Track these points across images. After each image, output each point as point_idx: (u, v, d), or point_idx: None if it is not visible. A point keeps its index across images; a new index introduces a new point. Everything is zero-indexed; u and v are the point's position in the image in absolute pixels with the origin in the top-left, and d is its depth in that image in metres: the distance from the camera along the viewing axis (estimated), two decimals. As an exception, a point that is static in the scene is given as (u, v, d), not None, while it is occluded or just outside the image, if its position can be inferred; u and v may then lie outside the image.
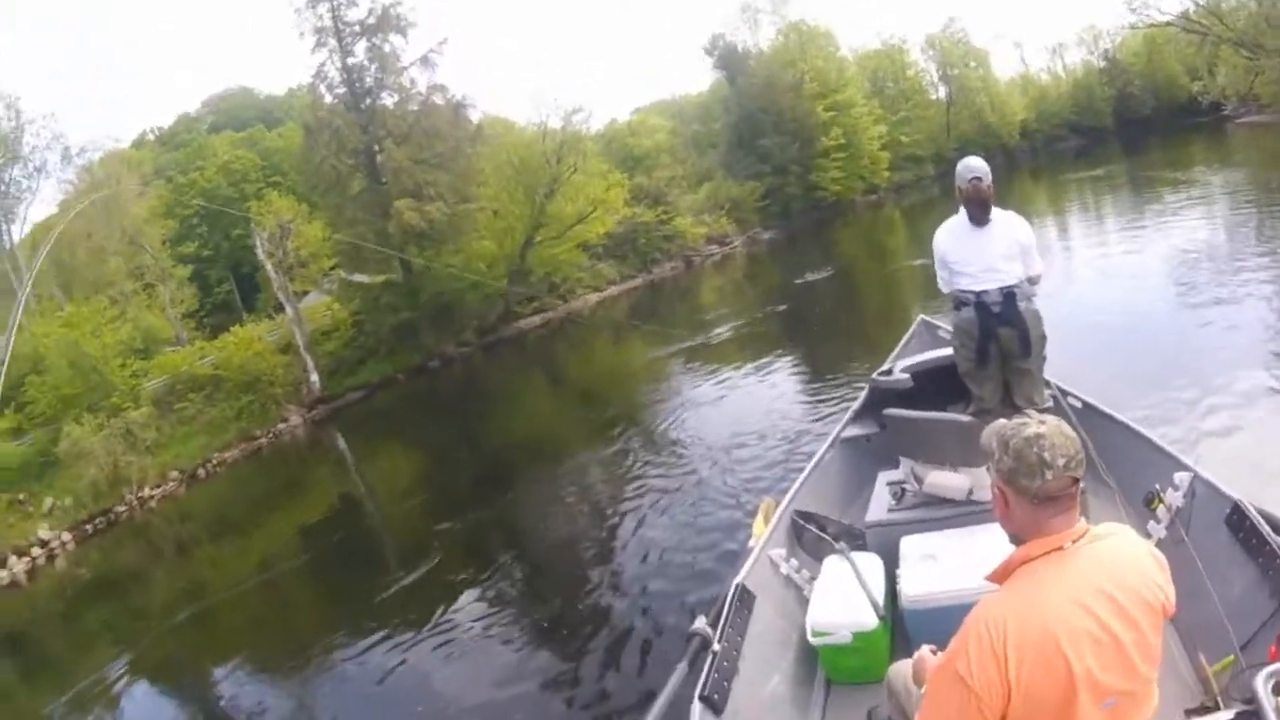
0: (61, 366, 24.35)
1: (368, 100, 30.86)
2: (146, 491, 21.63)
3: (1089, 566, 1.96)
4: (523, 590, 8.82)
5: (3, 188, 34.39)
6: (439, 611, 8.41)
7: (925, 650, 2.61)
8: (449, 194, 29.54)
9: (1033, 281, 4.89)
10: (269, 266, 28.34)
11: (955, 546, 4.16)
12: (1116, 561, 1.99)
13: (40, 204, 65.65)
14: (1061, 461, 1.94)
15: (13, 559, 18.66)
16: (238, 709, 8.29)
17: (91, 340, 25.07)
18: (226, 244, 42.40)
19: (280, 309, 29.58)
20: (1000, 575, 2.08)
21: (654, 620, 6.82)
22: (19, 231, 36.28)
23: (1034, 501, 1.97)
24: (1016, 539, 2.06)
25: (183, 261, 38.06)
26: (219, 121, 53.70)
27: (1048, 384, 5.16)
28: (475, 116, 32.86)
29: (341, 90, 30.69)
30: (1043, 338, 4.85)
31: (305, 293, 32.24)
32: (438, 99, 31.33)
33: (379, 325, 29.67)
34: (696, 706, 3.31)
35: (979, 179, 4.68)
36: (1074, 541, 1.98)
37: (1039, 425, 2.00)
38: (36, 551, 19.18)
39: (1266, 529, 3.42)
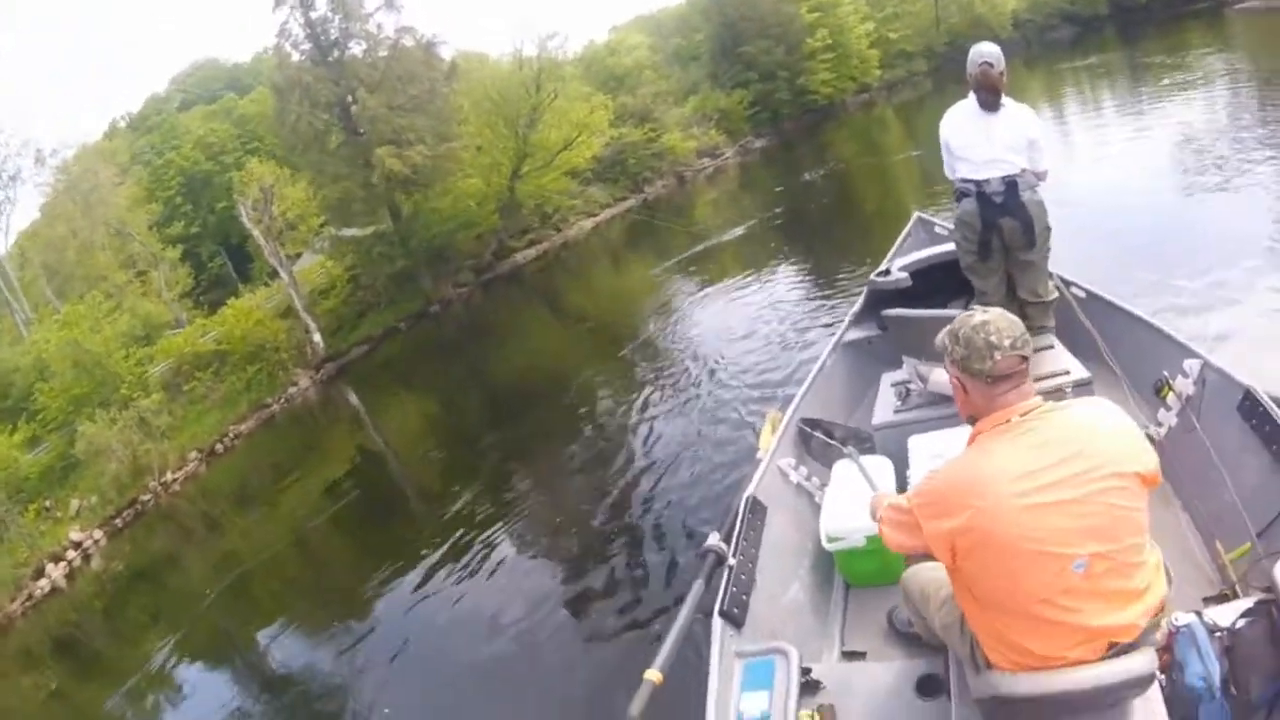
0: (66, 368, 24.24)
1: (335, 52, 29.80)
2: (169, 476, 21.55)
3: (1039, 434, 2.09)
4: (541, 520, 8.92)
5: (-18, 202, 33.75)
6: (464, 548, 8.69)
7: (878, 494, 2.95)
8: (429, 136, 28.79)
9: (1039, 178, 4.78)
10: (257, 234, 27.86)
11: (963, 443, 3.97)
12: (1076, 428, 2.10)
13: (20, 211, 65.47)
14: (1008, 342, 2.13)
15: (49, 566, 18.57)
16: (288, 668, 8.57)
17: (91, 336, 24.85)
18: (213, 218, 41.75)
19: (274, 275, 29.19)
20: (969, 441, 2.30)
21: (670, 538, 6.98)
22: (3, 243, 35.88)
23: (987, 382, 2.16)
24: (974, 420, 2.27)
25: (172, 243, 37.64)
26: (189, 98, 52.36)
27: (1050, 275, 5.07)
28: (448, 54, 31.87)
29: (307, 46, 29.57)
30: (1047, 229, 4.79)
31: (298, 255, 31.82)
32: (407, 41, 30.23)
33: (375, 277, 29.39)
34: (717, 622, 3.34)
35: (989, 64, 4.54)
36: (1023, 415, 2.14)
37: (983, 313, 2.20)
38: (71, 554, 19.09)
39: (1279, 415, 3.40)
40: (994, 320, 2.15)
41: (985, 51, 4.55)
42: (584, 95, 35.04)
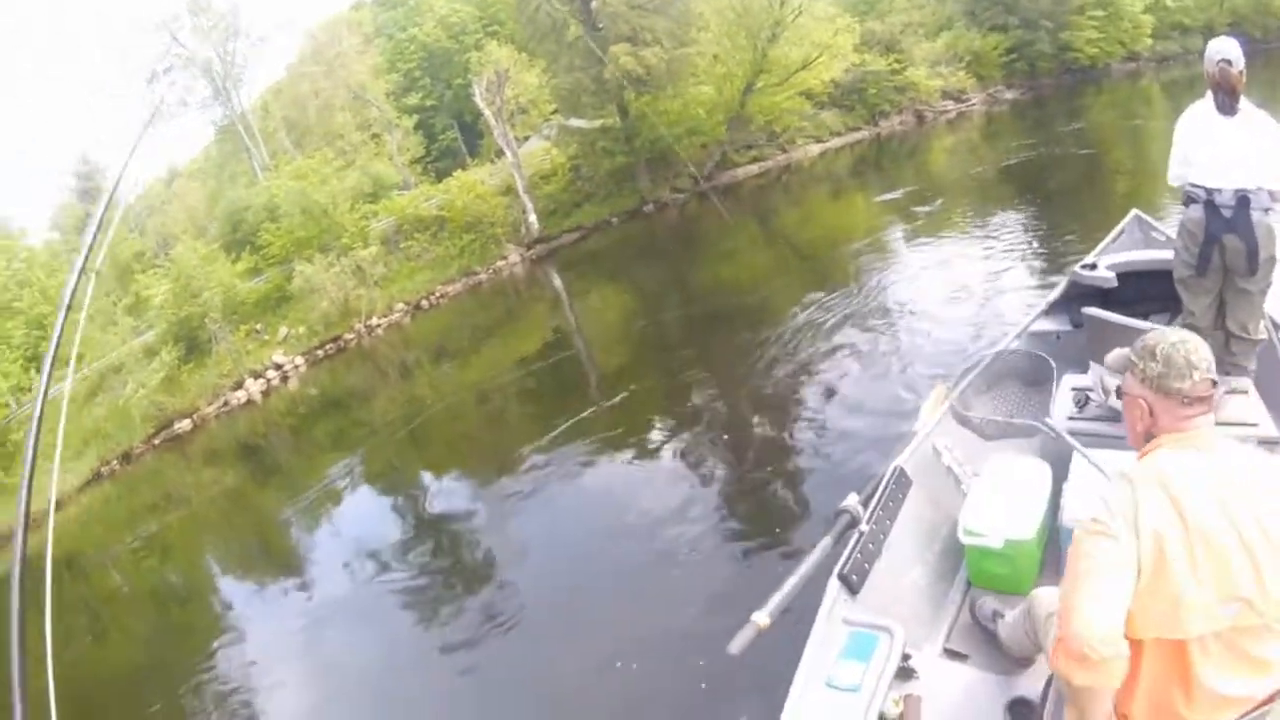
0: (294, 213, 25.94)
1: (583, -55, 29.68)
2: (374, 321, 22.75)
3: (1230, 458, 1.98)
4: (700, 433, 8.85)
5: (228, 58, 35.89)
6: (624, 441, 8.96)
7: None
8: (666, 39, 28.30)
9: (1275, 198, 4.14)
10: (488, 114, 28.30)
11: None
12: (1265, 470, 1.96)
13: (268, 67, 69.48)
14: (1204, 364, 2.03)
15: (249, 381, 20.20)
16: (443, 512, 9.18)
17: (320, 188, 26.33)
18: (449, 94, 42.64)
19: (501, 154, 29.68)
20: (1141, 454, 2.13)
21: (810, 484, 6.89)
22: (248, 96, 38.09)
23: (1183, 402, 2.03)
24: (1149, 439, 2.12)
25: (408, 112, 39.08)
26: (436, -22, 53.83)
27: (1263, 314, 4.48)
28: (694, -42, 31.05)
29: (557, -63, 29.63)
30: (1272, 259, 4.18)
31: (526, 138, 32.29)
32: (654, -60, 29.75)
33: (595, 169, 29.48)
34: (833, 583, 3.30)
35: (1228, 62, 4.00)
36: (1209, 434, 2.02)
37: (1178, 333, 2.10)
38: (271, 374, 20.61)
39: None
40: (1191, 340, 2.07)
41: (1223, 48, 4.03)
42: (830, 16, 33.25)
